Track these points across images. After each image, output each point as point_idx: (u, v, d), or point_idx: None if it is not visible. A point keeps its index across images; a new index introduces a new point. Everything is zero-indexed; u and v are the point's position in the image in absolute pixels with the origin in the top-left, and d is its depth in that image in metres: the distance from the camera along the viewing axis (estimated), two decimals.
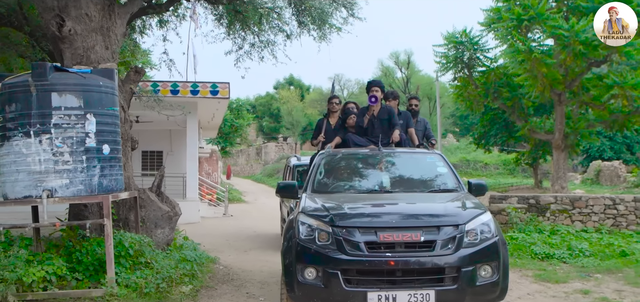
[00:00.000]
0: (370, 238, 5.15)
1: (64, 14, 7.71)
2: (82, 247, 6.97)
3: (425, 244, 5.13)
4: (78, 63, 7.66)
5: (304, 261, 5.27)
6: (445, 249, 5.14)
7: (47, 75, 6.33)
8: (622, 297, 7.08)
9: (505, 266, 5.36)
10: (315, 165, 6.95)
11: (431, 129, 9.79)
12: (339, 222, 5.27)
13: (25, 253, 6.48)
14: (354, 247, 5.13)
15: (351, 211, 5.58)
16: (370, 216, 5.63)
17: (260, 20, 10.65)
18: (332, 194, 6.34)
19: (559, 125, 18.46)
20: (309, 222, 5.45)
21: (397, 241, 5.12)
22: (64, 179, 6.37)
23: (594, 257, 9.40)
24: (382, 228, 5.20)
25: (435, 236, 5.17)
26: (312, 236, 5.34)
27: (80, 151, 6.44)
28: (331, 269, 5.11)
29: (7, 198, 6.53)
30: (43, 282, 6.34)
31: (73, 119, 6.41)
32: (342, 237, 5.18)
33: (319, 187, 6.54)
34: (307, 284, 5.23)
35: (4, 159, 6.49)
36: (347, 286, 5.06)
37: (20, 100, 6.37)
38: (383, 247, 5.13)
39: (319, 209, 5.67)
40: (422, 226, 5.25)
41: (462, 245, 5.18)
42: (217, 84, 15.35)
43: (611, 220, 11.15)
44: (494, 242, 5.34)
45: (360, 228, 5.23)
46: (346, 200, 5.99)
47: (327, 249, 5.21)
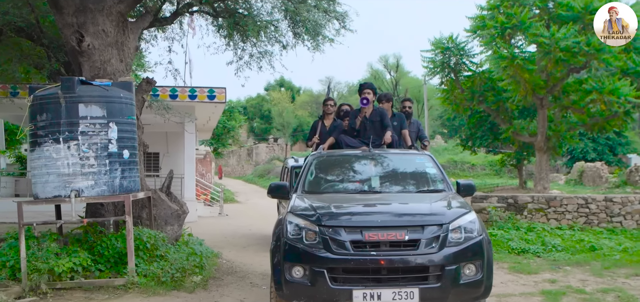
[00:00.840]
0: (355, 237, 5.30)
1: (82, 30, 8.57)
2: (103, 242, 7.85)
3: (409, 242, 5.28)
4: (95, 75, 8.53)
5: (292, 259, 5.42)
6: (429, 248, 5.28)
7: (75, 88, 7.21)
8: (585, 285, 8.05)
9: (489, 265, 5.52)
10: (307, 166, 7.17)
11: (424, 131, 10.07)
12: (326, 221, 5.43)
13: (55, 247, 7.35)
14: (340, 246, 5.28)
15: (338, 210, 5.75)
16: (356, 215, 5.80)
17: (258, 32, 11.52)
18: (322, 195, 6.53)
19: (541, 128, 19.46)
20: (297, 221, 5.60)
21: (382, 239, 5.26)
22: (89, 181, 7.25)
23: (566, 252, 10.40)
24: (368, 227, 5.35)
25: (420, 235, 5.31)
26: (299, 235, 5.49)
27: (103, 156, 7.32)
28: (318, 267, 5.27)
29: (38, 197, 7.40)
30: (70, 273, 7.22)
31: (97, 127, 7.29)
32: (329, 236, 5.32)
33: (310, 188, 6.75)
34: (295, 283, 5.38)
35: (35, 162, 7.36)
36: (333, 284, 5.22)
37: (50, 110, 7.24)
38: (368, 246, 5.27)
39: (306, 208, 5.82)
40: (406, 225, 5.40)
41: (446, 244, 5.33)
42: (214, 89, 16.19)
43: (584, 218, 12.15)
44: (479, 241, 5.50)
45: (346, 227, 5.38)
46: (334, 200, 6.17)
47: (314, 248, 5.35)
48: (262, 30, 11.57)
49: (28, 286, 6.98)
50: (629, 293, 7.49)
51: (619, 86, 17.28)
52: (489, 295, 5.57)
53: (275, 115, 56.22)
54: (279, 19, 11.77)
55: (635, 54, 18.53)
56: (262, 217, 17.77)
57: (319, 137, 8.68)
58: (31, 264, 7.06)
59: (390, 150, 7.70)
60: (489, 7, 18.83)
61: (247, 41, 11.60)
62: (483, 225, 5.87)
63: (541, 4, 18.60)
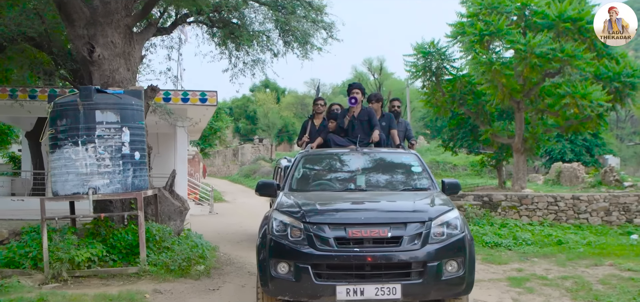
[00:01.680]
0: (339, 234, 5.47)
1: (93, 42, 9.46)
2: (114, 235, 8.77)
3: (392, 239, 5.46)
4: (105, 83, 9.43)
5: (277, 255, 5.59)
6: (412, 245, 5.46)
7: (92, 96, 8.13)
8: (548, 273, 9.12)
9: (471, 262, 5.70)
10: (294, 165, 7.38)
11: (412, 130, 10.36)
12: (310, 218, 5.61)
13: (75, 239, 8.26)
14: (324, 242, 5.45)
15: (322, 207, 5.90)
16: (340, 212, 5.96)
17: (251, 41, 12.46)
18: (308, 193, 6.72)
19: (518, 130, 20.58)
20: (282, 218, 5.77)
21: (365, 236, 5.44)
22: (105, 179, 8.17)
23: (535, 245, 11.49)
24: (351, 224, 5.53)
25: (402, 232, 5.49)
26: (284, 232, 5.64)
27: (117, 157, 8.24)
28: (302, 263, 5.43)
29: (58, 194, 8.30)
30: (87, 262, 8.15)
31: (112, 131, 8.21)
32: (313, 233, 5.48)
33: (297, 186, 6.97)
34: (280, 278, 5.55)
35: (55, 163, 8.26)
36: (317, 280, 5.39)
37: (69, 116, 8.15)
38: (352, 243, 5.45)
39: (292, 206, 6.01)
40: (389, 222, 5.58)
41: (428, 241, 5.50)
42: (206, 93, 17.04)
43: (553, 215, 13.26)
44: (461, 238, 5.68)
45: (330, 224, 5.55)
46: (320, 198, 6.35)
47: (299, 244, 5.51)
48: (255, 39, 12.52)
49: (50, 274, 7.88)
50: (585, 279, 8.56)
51: (591, 91, 18.36)
52: (470, 291, 5.78)
53: (261, 116, 57.20)
54: (270, 28, 12.72)
55: (607, 59, 19.72)
56: (251, 215, 18.67)
57: (309, 136, 8.98)
58: (53, 254, 7.97)
59: (377, 149, 7.91)
60: (468, 14, 19.87)
61: (241, 49, 12.53)
62: (466, 222, 6.10)
63: (518, 12, 19.69)
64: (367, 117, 8.25)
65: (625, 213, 13.36)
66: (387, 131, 8.60)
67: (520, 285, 8.20)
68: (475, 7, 19.62)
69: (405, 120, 10.24)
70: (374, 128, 8.10)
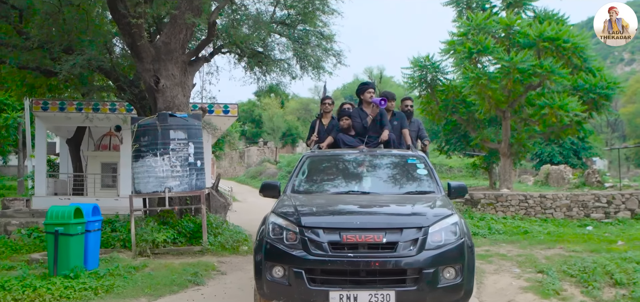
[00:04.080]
0: (333, 238, 5.55)
1: (158, 74, 12.68)
2: (180, 223, 12.00)
3: (387, 245, 5.51)
4: (167, 107, 12.64)
5: (272, 259, 5.72)
6: (407, 250, 5.50)
7: (167, 120, 11.36)
8: (508, 253, 12.33)
9: (470, 269, 5.73)
10: (297, 166, 7.56)
11: (425, 130, 10.52)
12: (305, 222, 5.70)
13: (155, 225, 11.50)
14: (318, 247, 5.53)
15: (318, 211, 6.07)
16: (336, 216, 6.07)
17: (273, 67, 15.69)
18: (309, 195, 6.91)
19: (504, 136, 23.83)
20: (278, 221, 5.90)
21: (360, 241, 5.49)
22: (176, 181, 11.40)
23: (505, 234, 14.72)
24: (346, 229, 5.59)
25: (398, 237, 5.53)
26: (280, 235, 5.77)
27: (185, 165, 11.47)
28: (296, 267, 5.53)
29: (141, 192, 11.52)
30: (164, 243, 11.36)
31: (181, 145, 11.44)
32: (307, 237, 5.58)
33: (299, 188, 7.16)
34: (275, 282, 5.67)
35: (139, 169, 11.49)
36: (311, 285, 5.47)
37: (150, 134, 11.37)
38: (346, 248, 5.51)
39: (289, 208, 6.11)
40: (385, 228, 5.62)
41: (425, 247, 5.54)
42: (228, 105, 20.32)
43: (524, 210, 16.54)
44: (459, 245, 5.71)
45: (324, 228, 5.62)
46: (319, 201, 6.53)
47: (294, 248, 5.63)
48: (277, 66, 15.76)
49: (137, 251, 11.10)
50: (535, 257, 11.77)
51: (568, 102, 21.58)
52: (469, 299, 5.82)
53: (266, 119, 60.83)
54: (290, 57, 15.98)
55: (585, 73, 22.95)
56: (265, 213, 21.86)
57: (317, 135, 9.19)
58: (139, 236, 11.19)
59: (383, 151, 8.06)
60: (459, 34, 23.12)
61: (266, 74, 15.77)
62: (467, 228, 6.12)
63: (503, 32, 22.93)
64: (378, 116, 8.53)
65: (584, 209, 16.64)
66: (398, 131, 8.84)
67: (483, 259, 11.44)
68: (465, 27, 22.85)
69: (418, 120, 10.50)
70: (384, 127, 8.35)
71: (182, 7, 12.37)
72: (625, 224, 15.89)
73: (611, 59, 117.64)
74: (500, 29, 22.72)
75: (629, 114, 51.06)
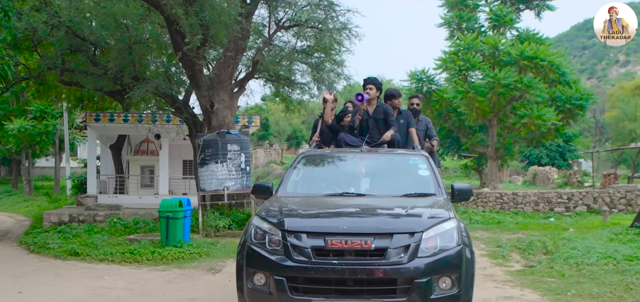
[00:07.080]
0: (317, 244, 5.37)
1: (212, 99, 17.34)
2: (233, 214, 16.70)
3: (376, 251, 5.33)
4: (219, 125, 17.27)
5: (253, 265, 5.59)
6: (398, 258, 5.32)
7: (225, 136, 16.06)
8: (481, 237, 17.01)
9: (468, 279, 5.55)
10: (292, 166, 7.38)
11: (433, 128, 10.44)
12: (288, 225, 5.54)
13: (217, 215, 16.21)
14: (301, 253, 5.38)
15: (303, 214, 5.87)
16: (321, 219, 5.85)
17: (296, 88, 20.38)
18: (301, 197, 6.73)
19: (491, 142, 28.57)
20: (261, 225, 5.76)
21: (346, 247, 5.31)
22: (232, 182, 16.11)
23: (482, 224, 19.43)
24: (331, 234, 5.39)
25: (387, 243, 5.36)
26: (263, 240, 5.64)
27: (239, 170, 16.18)
28: (277, 275, 5.38)
29: (205, 190, 16.22)
30: (224, 228, 16.04)
31: (236, 155, 16.14)
32: (290, 242, 5.44)
33: (291, 189, 6.99)
34: (256, 290, 5.55)
35: (204, 173, 16.19)
36: (293, 294, 5.32)
37: (212, 147, 16.06)
38: (331, 254, 5.33)
39: (274, 212, 5.94)
40: (373, 233, 5.43)
41: (417, 254, 5.35)
42: (252, 117, 25.02)
43: (500, 205, 21.30)
44: (457, 252, 5.50)
45: (308, 233, 5.46)
46: (307, 203, 6.33)
47: (276, 254, 5.48)
48: (299, 87, 20.44)
49: (204, 233, 15.75)
50: (500, 239, 16.39)
51: (544, 112, 26.23)
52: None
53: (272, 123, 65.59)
54: (310, 80, 20.63)
55: (562, 86, 27.60)
56: None
57: (319, 135, 8.98)
58: (205, 222, 15.87)
59: (382, 150, 7.97)
60: (450, 53, 27.81)
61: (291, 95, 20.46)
62: (468, 234, 5.97)
63: (489, 51, 27.60)
64: (383, 116, 8.37)
65: (549, 204, 21.38)
66: (405, 129, 8.70)
67: None
68: (456, 47, 27.57)
69: (426, 118, 10.47)
70: (391, 127, 8.22)
71: (231, 48, 17.05)
72: (580, 216, 20.65)
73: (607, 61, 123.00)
74: (486, 49, 27.34)
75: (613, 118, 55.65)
